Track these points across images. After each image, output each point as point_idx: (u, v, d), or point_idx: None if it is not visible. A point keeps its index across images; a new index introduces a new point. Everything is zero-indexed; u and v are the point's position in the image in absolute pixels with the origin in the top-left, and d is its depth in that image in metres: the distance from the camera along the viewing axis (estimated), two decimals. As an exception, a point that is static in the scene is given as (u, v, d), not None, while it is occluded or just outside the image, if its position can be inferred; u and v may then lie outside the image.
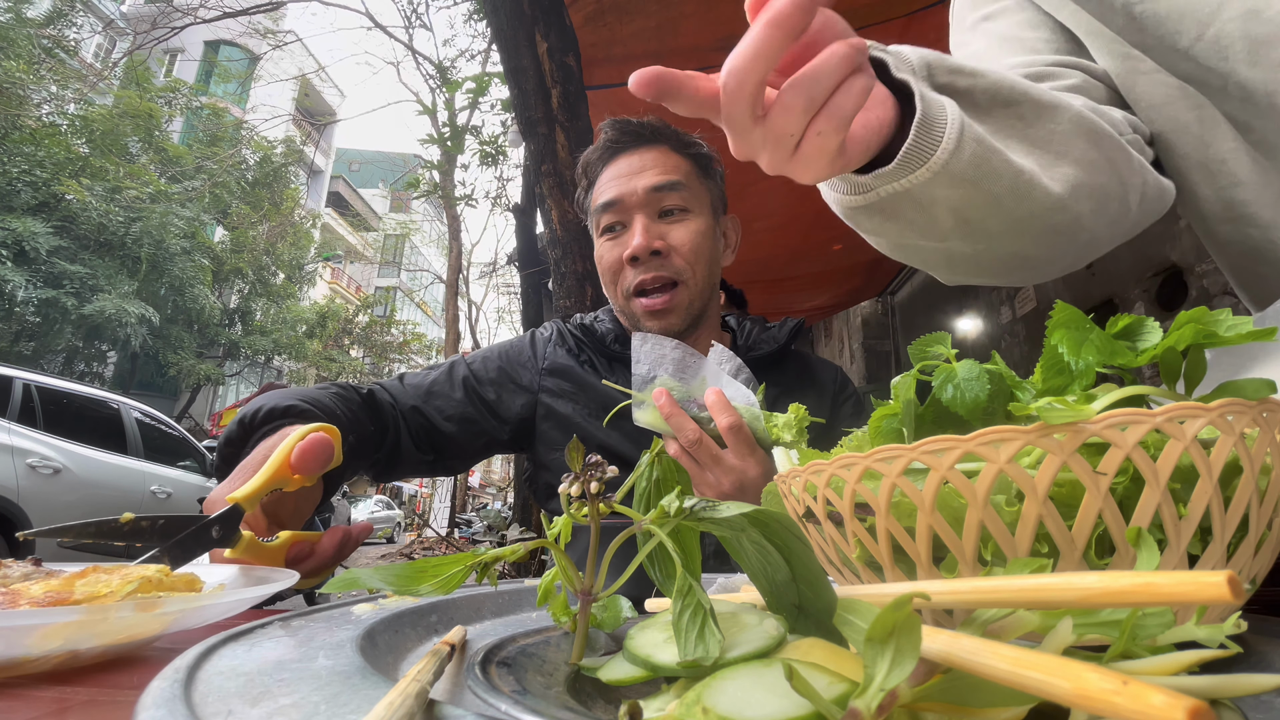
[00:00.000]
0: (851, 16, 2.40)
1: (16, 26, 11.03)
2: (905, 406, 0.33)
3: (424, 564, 0.32)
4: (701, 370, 0.79)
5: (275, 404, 0.73)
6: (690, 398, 0.75)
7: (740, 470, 0.71)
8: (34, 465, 4.31)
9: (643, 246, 0.90)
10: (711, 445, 0.71)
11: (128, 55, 12.00)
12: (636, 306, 0.93)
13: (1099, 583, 0.18)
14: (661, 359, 0.78)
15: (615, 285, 0.95)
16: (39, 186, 10.75)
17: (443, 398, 0.94)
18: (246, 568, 0.52)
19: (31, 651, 0.33)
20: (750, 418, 0.72)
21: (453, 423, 0.93)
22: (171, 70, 17.37)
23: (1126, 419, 0.26)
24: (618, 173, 0.95)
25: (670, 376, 0.76)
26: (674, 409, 0.71)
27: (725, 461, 0.71)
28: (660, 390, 0.73)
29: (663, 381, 0.75)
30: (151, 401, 7.65)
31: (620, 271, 0.93)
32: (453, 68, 11.41)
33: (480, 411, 0.95)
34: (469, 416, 0.94)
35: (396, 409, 0.90)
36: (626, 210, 0.93)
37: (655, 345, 0.78)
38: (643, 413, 0.74)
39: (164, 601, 0.37)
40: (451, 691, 0.28)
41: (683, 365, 0.78)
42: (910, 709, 0.19)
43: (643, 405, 0.75)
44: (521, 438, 0.99)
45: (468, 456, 0.97)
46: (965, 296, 5.39)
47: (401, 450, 0.89)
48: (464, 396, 0.95)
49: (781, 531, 0.28)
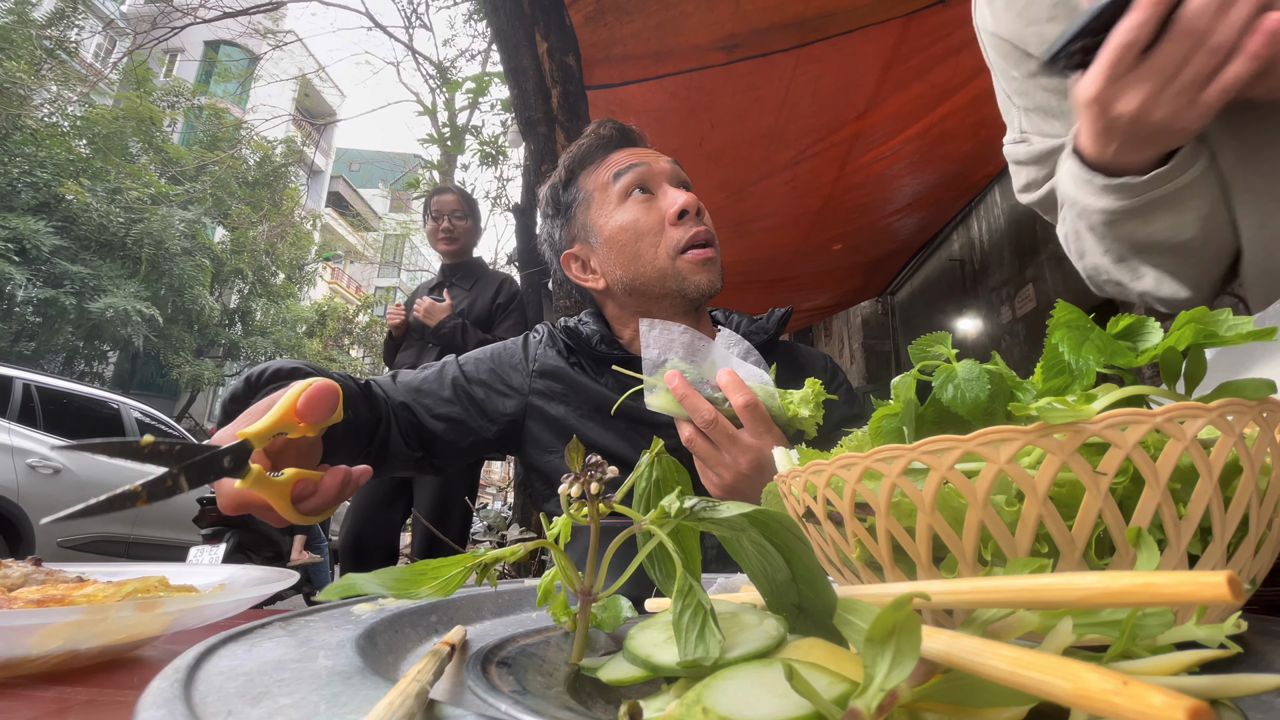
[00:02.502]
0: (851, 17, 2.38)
1: (18, 27, 11.04)
2: (905, 406, 0.33)
3: (423, 566, 0.32)
4: (711, 353, 0.78)
5: (281, 366, 0.76)
6: (702, 380, 0.74)
7: (757, 449, 0.70)
8: (34, 465, 4.31)
9: (693, 201, 0.93)
10: (727, 425, 0.71)
11: (128, 55, 12.00)
12: (686, 262, 0.94)
13: (1099, 583, 0.18)
14: (670, 343, 0.77)
15: (657, 246, 0.95)
16: (40, 187, 10.75)
17: (431, 396, 0.94)
18: (245, 568, 0.52)
19: (31, 651, 0.33)
20: (765, 395, 0.72)
21: (440, 421, 0.93)
22: (171, 70, 17.37)
23: (1126, 419, 0.26)
24: (629, 153, 0.98)
25: (681, 360, 0.76)
26: (688, 390, 0.71)
27: (742, 441, 0.71)
28: (673, 373, 0.72)
29: (674, 365, 0.75)
30: (151, 401, 7.66)
31: (662, 231, 0.94)
32: (453, 68, 11.41)
33: (468, 410, 0.95)
34: (456, 416, 0.94)
35: (388, 404, 0.91)
36: (654, 176, 0.96)
37: (664, 330, 0.78)
38: (655, 397, 0.74)
39: (164, 601, 0.37)
40: (451, 691, 0.28)
41: (692, 349, 0.78)
42: (910, 709, 0.19)
43: (655, 389, 0.74)
44: (509, 440, 0.99)
45: (455, 455, 0.97)
46: (965, 296, 5.39)
47: (391, 446, 0.89)
48: (452, 395, 0.95)
49: (781, 531, 0.28)
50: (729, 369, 0.73)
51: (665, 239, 0.94)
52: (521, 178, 5.26)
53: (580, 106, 2.60)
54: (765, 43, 2.83)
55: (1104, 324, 0.32)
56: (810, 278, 5.41)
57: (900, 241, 5.38)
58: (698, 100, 3.10)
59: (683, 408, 0.71)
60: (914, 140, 3.65)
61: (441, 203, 2.74)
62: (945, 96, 3.32)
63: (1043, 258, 4.46)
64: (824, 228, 4.30)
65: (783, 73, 2.98)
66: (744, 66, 2.93)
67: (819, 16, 2.70)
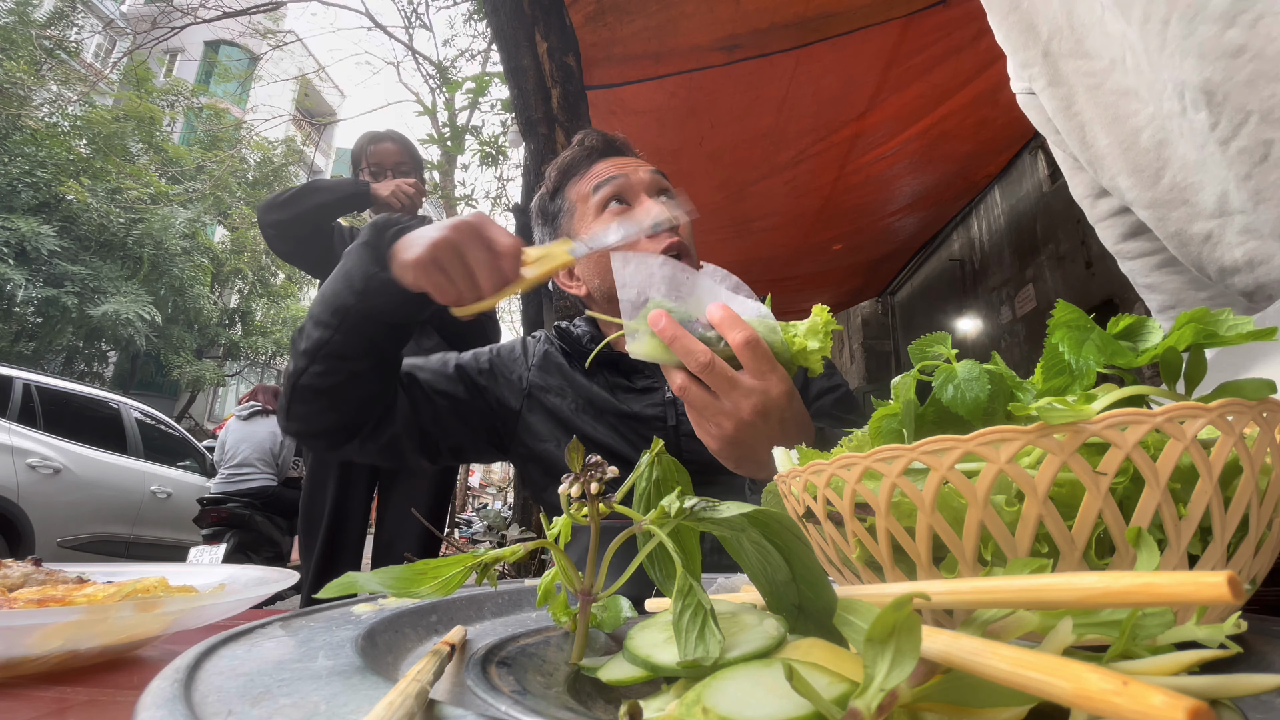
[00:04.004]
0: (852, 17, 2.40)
1: (19, 27, 11.04)
2: (905, 406, 0.33)
3: (423, 565, 0.32)
4: (697, 287, 0.66)
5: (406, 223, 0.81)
6: (691, 319, 0.64)
7: (761, 390, 0.62)
8: (34, 465, 4.31)
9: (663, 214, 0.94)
10: (725, 368, 0.62)
11: (128, 55, 12.00)
12: None
13: (1099, 583, 0.18)
14: (650, 278, 0.65)
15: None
16: (40, 187, 10.75)
17: (433, 374, 0.98)
18: (245, 568, 0.52)
19: (31, 651, 0.33)
20: (765, 330, 0.62)
21: (441, 397, 0.96)
22: (171, 70, 17.37)
23: (1126, 419, 0.26)
24: (612, 164, 1.00)
25: (664, 299, 0.65)
26: (677, 331, 0.61)
27: (742, 384, 0.62)
28: (658, 313, 0.62)
29: (656, 304, 0.64)
30: (151, 401, 7.65)
31: (637, 242, 0.95)
32: (453, 68, 11.40)
33: (470, 392, 0.99)
34: (457, 394, 0.98)
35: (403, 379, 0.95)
36: (631, 187, 0.98)
37: (639, 264, 0.65)
38: (638, 343, 0.63)
39: (164, 601, 0.37)
40: (451, 691, 0.28)
41: (675, 283, 0.66)
42: (910, 709, 0.19)
43: (637, 335, 0.63)
44: (501, 435, 1.01)
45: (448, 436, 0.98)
46: (965, 296, 5.39)
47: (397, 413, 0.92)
48: (455, 375, 1.00)
49: (781, 531, 0.28)
50: (721, 303, 0.63)
51: (640, 249, 0.95)
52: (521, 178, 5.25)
53: (580, 106, 2.60)
54: (765, 43, 2.83)
55: (1104, 324, 0.32)
56: (810, 278, 5.42)
57: (900, 241, 5.39)
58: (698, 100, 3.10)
59: (672, 352, 0.62)
60: (914, 140, 3.65)
61: (380, 153, 2.05)
62: (945, 96, 3.32)
63: (1043, 258, 4.45)
64: (824, 228, 4.31)
65: (783, 73, 2.98)
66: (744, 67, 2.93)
67: (819, 17, 2.70)
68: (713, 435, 0.65)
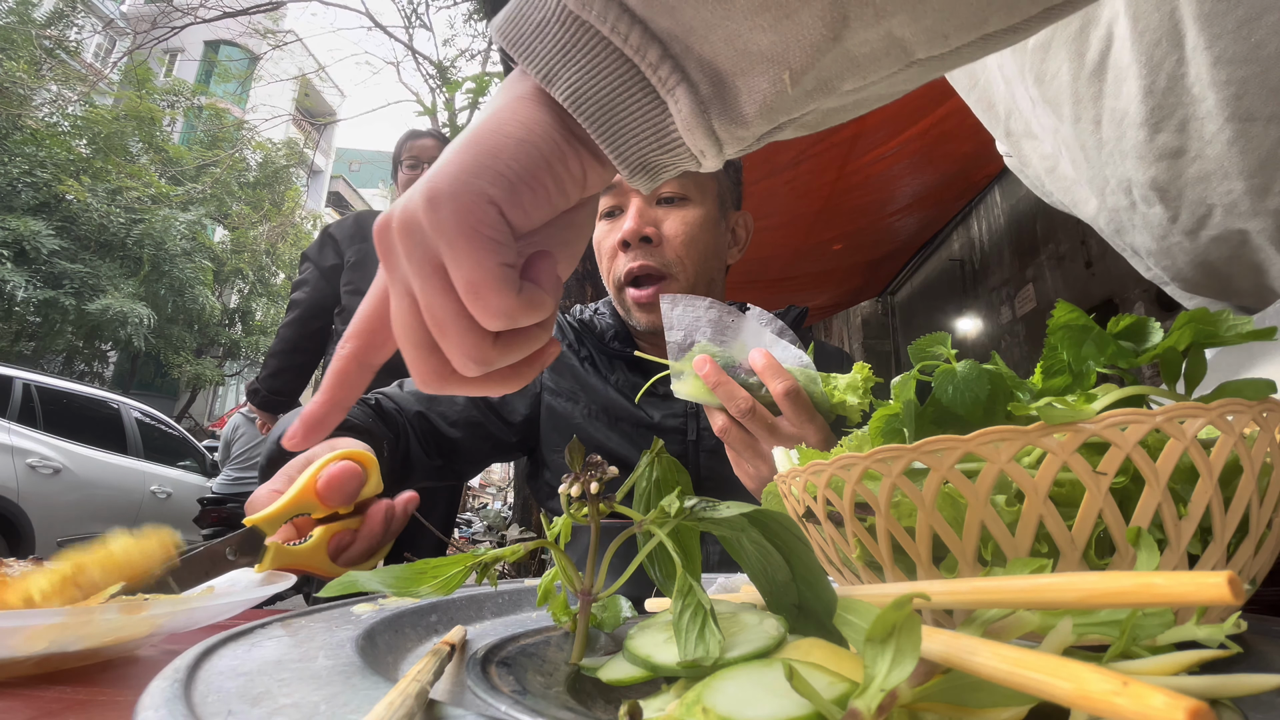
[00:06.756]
0: (851, 16, 2.39)
1: (19, 27, 11.03)
2: (905, 406, 0.33)
3: (424, 565, 0.32)
4: (741, 332, 0.70)
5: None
6: (734, 363, 0.67)
7: (798, 439, 0.64)
8: (34, 465, 4.31)
9: (633, 231, 0.88)
10: (765, 414, 0.64)
11: (128, 55, 11.99)
12: (628, 297, 0.91)
13: (1099, 583, 0.18)
14: (696, 321, 0.69)
15: (609, 273, 0.93)
16: (40, 187, 10.75)
17: (446, 402, 0.92)
18: (245, 569, 0.52)
19: (16, 653, 0.33)
20: (806, 380, 0.65)
21: (458, 428, 0.91)
22: (171, 70, 17.35)
23: (1126, 419, 0.26)
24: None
25: (709, 341, 0.69)
26: (721, 376, 0.64)
27: (781, 430, 0.64)
28: (703, 357, 0.65)
29: (702, 348, 0.67)
30: (151, 401, 7.65)
31: (614, 258, 0.91)
32: (453, 68, 11.40)
33: (485, 414, 0.94)
34: (473, 420, 0.93)
35: (402, 416, 0.89)
36: (624, 192, 0.91)
37: (688, 306, 0.69)
38: (682, 384, 0.67)
39: (150, 604, 0.36)
40: (451, 691, 0.28)
41: (721, 326, 0.70)
42: (910, 709, 0.19)
43: (682, 375, 0.67)
44: (529, 438, 0.97)
45: (476, 460, 0.95)
46: (965, 296, 5.39)
47: (412, 458, 0.87)
48: (467, 400, 0.93)
49: (781, 531, 0.28)
50: (764, 349, 0.66)
51: (615, 266, 0.92)
52: (521, 178, 5.24)
53: (580, 106, 2.59)
54: (765, 43, 2.82)
55: (1104, 324, 0.32)
56: (810, 278, 5.41)
57: (900, 241, 5.38)
58: (698, 100, 3.09)
59: (715, 395, 0.65)
60: (914, 140, 3.64)
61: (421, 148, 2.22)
62: (945, 96, 3.32)
63: (1043, 258, 4.45)
64: (824, 228, 4.30)
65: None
66: (744, 66, 2.92)
67: (819, 17, 2.70)
68: (750, 476, 0.68)
